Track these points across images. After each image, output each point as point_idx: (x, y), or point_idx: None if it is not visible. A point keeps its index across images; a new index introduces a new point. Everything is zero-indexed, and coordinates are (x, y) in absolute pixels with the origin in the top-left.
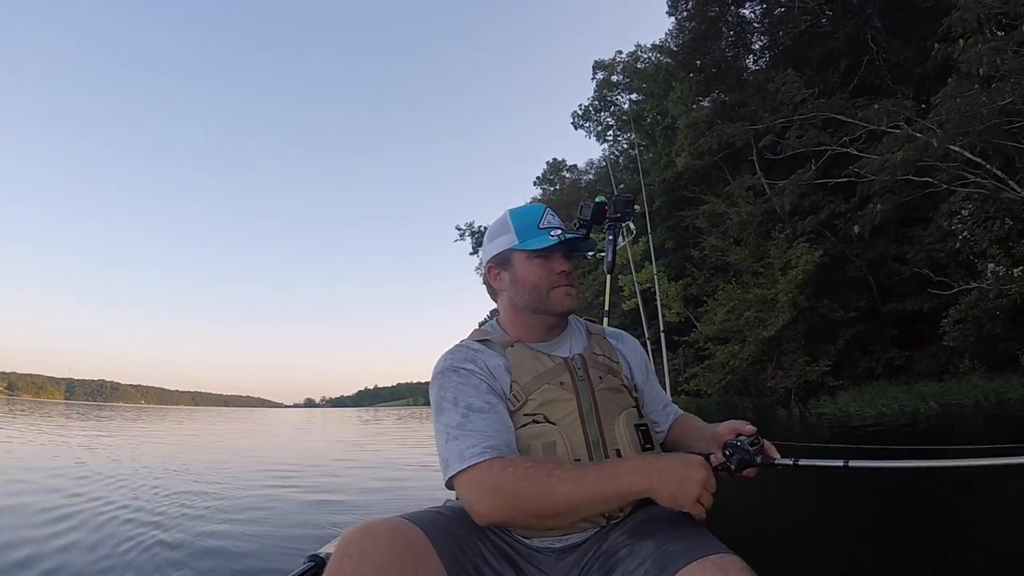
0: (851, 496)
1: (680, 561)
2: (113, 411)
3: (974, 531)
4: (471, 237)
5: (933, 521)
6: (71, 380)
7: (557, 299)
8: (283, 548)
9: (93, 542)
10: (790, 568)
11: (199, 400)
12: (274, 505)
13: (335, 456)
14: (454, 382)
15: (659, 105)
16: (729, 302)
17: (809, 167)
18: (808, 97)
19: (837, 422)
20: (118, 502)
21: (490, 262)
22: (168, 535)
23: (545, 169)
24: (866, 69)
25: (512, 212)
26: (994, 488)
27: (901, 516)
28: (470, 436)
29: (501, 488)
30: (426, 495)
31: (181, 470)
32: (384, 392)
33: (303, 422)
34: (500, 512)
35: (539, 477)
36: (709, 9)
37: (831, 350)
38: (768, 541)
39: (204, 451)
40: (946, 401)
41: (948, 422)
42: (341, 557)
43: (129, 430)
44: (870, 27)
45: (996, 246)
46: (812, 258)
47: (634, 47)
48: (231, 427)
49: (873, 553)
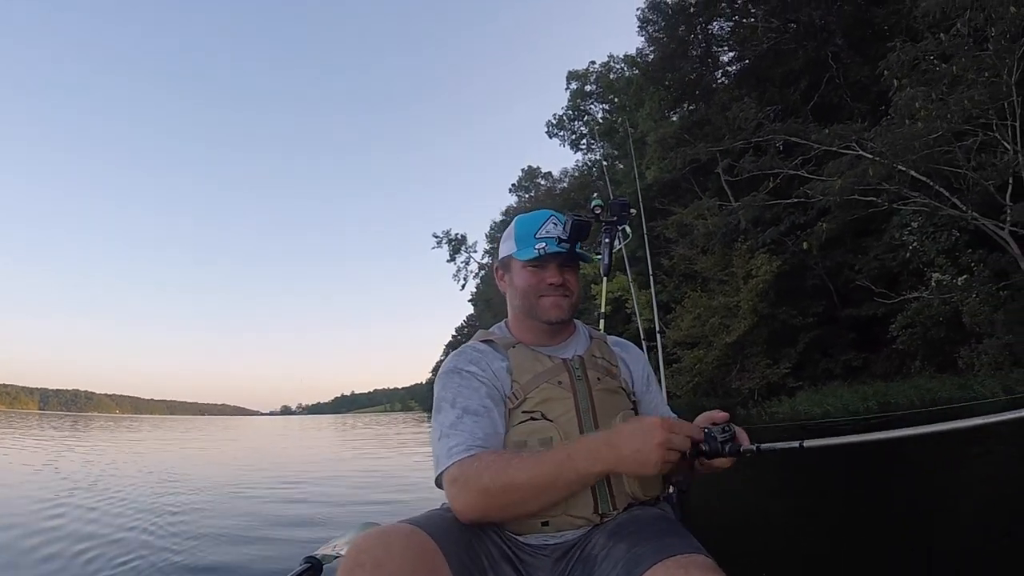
0: (806, 479)
1: (646, 563)
2: (91, 421)
3: (915, 496)
4: (448, 245)
5: (878, 493)
6: (45, 390)
7: (544, 308)
8: (281, 550)
9: (92, 545)
10: (760, 558)
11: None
12: (270, 507)
13: (325, 458)
14: (456, 383)
15: (631, 118)
16: (695, 309)
17: (767, 184)
18: (765, 120)
19: (788, 420)
20: (107, 508)
21: (497, 265)
22: (162, 540)
23: (520, 176)
24: (826, 87)
25: (518, 219)
26: (929, 457)
27: (850, 492)
28: (459, 435)
29: (470, 482)
30: (426, 495)
31: (171, 476)
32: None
33: (280, 430)
34: (473, 508)
35: (499, 467)
36: (677, 29)
37: (791, 353)
38: (737, 532)
39: (193, 457)
40: (886, 400)
41: (887, 419)
42: (353, 565)
43: (116, 441)
44: (832, 44)
45: (943, 256)
46: (771, 268)
47: (607, 57)
48: (212, 435)
49: (832, 530)
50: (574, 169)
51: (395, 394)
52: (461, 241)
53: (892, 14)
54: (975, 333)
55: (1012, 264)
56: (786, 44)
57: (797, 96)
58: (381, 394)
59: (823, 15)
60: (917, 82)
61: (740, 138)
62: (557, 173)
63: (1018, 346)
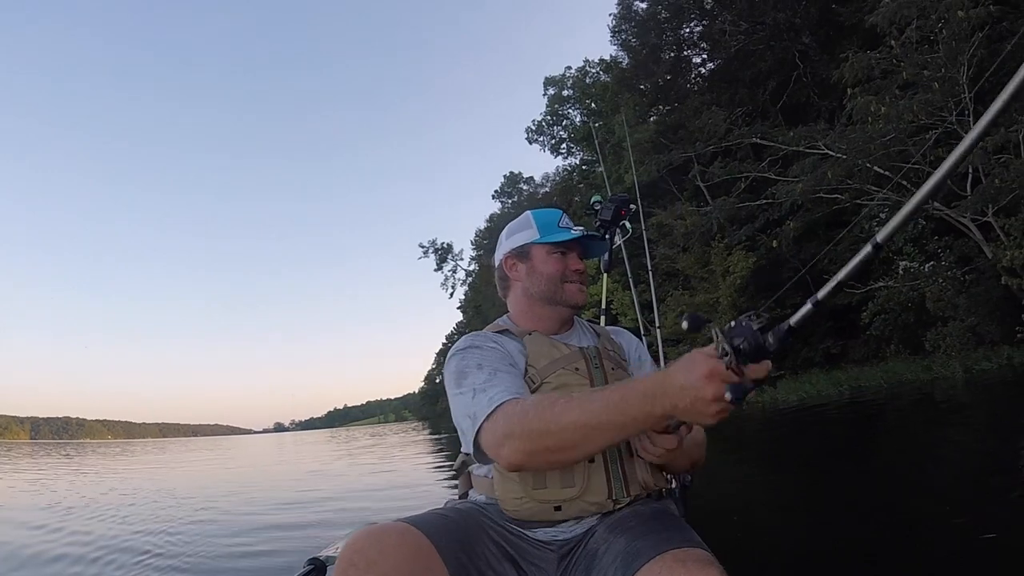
0: (806, 475)
1: (643, 557)
2: (84, 447)
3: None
4: (435, 254)
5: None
6: (36, 419)
7: (571, 293)
8: (283, 551)
9: (103, 554)
10: (760, 553)
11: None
12: (273, 508)
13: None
14: (477, 354)
15: (607, 124)
16: (678, 307)
17: (740, 186)
18: (734, 126)
19: (769, 408)
20: (120, 520)
21: (509, 254)
22: (169, 544)
23: (503, 182)
24: (794, 86)
25: (534, 212)
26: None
27: (850, 482)
28: (497, 386)
29: (514, 427)
30: (424, 494)
31: (172, 492)
32: (354, 411)
33: (274, 449)
34: (519, 453)
35: (544, 408)
36: (649, 36)
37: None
38: (738, 526)
39: (194, 475)
40: (857, 385)
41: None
42: (346, 565)
43: (115, 467)
44: (800, 43)
45: (911, 244)
46: (747, 264)
47: (583, 62)
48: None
49: (830, 524)
50: (555, 174)
51: (388, 405)
52: (447, 250)
53: (855, 12)
54: (940, 317)
55: (975, 249)
56: (755, 45)
57: (767, 97)
58: (374, 406)
59: (790, 16)
60: (869, 91)
61: (711, 143)
62: (539, 178)
63: (981, 327)
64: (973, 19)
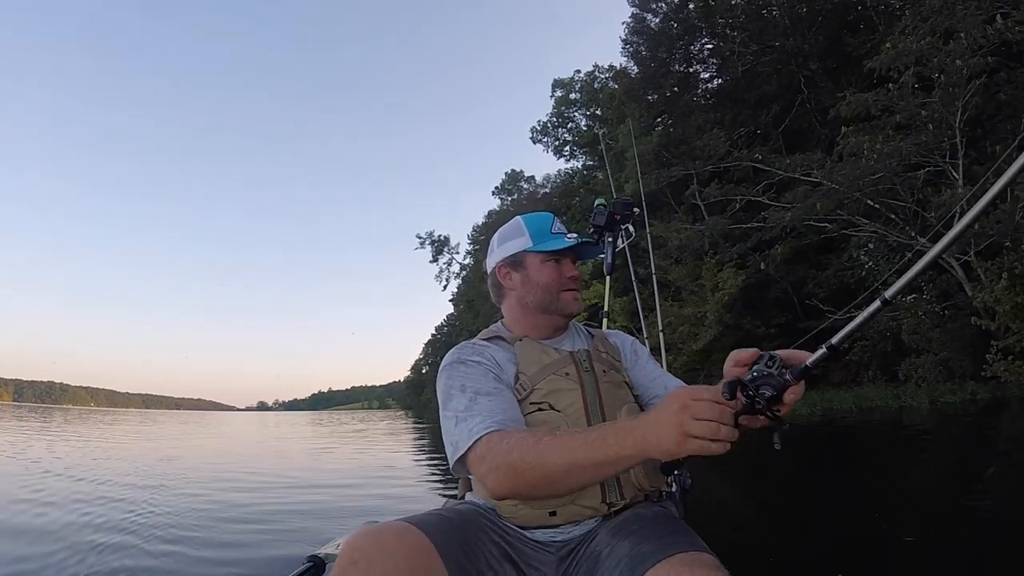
0: (805, 474)
1: (649, 560)
2: (67, 413)
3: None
4: (431, 246)
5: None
6: (19, 381)
7: (567, 302)
8: (282, 549)
9: (93, 546)
10: (764, 555)
11: (150, 403)
12: (272, 505)
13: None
14: (461, 372)
15: (612, 131)
16: (667, 317)
17: (735, 205)
18: (733, 148)
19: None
20: (107, 505)
21: (502, 263)
22: (166, 539)
23: (504, 179)
24: (797, 111)
25: (525, 218)
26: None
27: (852, 486)
28: (477, 416)
29: (499, 460)
30: (423, 494)
31: (173, 474)
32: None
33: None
34: (504, 485)
35: (528, 446)
36: (659, 49)
37: None
38: (740, 528)
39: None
40: (830, 407)
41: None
42: (346, 564)
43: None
44: (807, 69)
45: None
46: (736, 281)
47: (592, 67)
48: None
49: (831, 525)
50: (556, 176)
51: (373, 392)
52: (444, 242)
53: (863, 43)
54: (914, 349)
55: (956, 285)
56: (763, 67)
57: (769, 119)
58: (359, 391)
59: (799, 42)
60: (863, 131)
61: (710, 163)
62: (540, 178)
63: (953, 361)
64: (971, 68)
